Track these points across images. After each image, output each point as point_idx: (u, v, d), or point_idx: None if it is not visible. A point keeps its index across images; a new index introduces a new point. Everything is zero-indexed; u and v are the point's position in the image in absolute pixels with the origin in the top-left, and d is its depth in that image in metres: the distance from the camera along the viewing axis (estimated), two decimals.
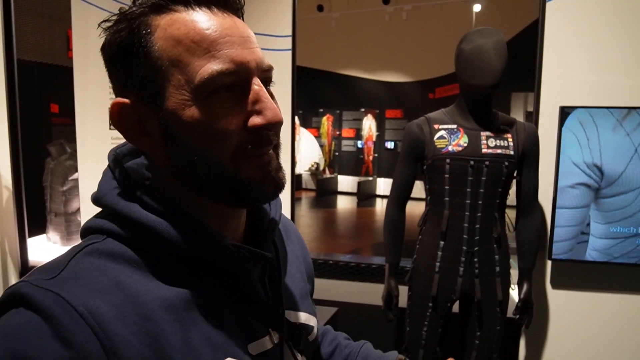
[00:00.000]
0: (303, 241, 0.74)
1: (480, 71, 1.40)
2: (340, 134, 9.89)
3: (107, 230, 0.48)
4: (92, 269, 0.44)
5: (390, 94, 9.12)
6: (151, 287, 0.45)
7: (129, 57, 0.46)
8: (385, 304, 1.67)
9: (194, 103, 0.45)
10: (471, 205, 1.51)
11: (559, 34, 1.76)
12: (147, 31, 0.46)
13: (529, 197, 1.59)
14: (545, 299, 1.88)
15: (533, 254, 1.61)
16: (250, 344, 0.51)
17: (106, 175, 0.51)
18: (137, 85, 0.47)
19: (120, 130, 0.49)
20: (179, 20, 0.45)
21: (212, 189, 0.49)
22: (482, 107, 1.52)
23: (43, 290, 0.41)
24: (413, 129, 1.58)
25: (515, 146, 1.52)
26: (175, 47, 0.45)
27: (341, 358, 0.75)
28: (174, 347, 0.44)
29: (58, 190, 2.90)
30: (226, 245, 0.49)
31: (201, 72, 0.44)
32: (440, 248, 1.56)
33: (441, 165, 1.52)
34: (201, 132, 0.46)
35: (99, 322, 0.40)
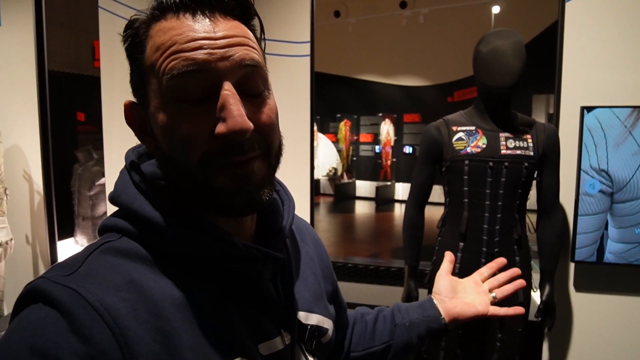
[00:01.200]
0: (320, 241, 0.74)
1: (497, 72, 1.40)
2: (358, 139, 9.87)
3: (122, 228, 0.49)
4: (107, 266, 0.45)
5: (408, 98, 9.07)
6: (163, 286, 0.46)
7: (130, 63, 0.51)
8: None
9: (163, 107, 0.46)
10: (490, 206, 1.50)
11: (579, 33, 1.75)
12: (144, 39, 0.48)
13: (550, 198, 1.58)
14: (568, 301, 1.85)
15: (554, 256, 1.59)
16: (261, 344, 0.52)
17: (123, 175, 0.53)
18: (134, 88, 0.51)
19: (131, 128, 0.52)
20: (163, 28, 0.47)
21: (188, 194, 0.49)
22: (501, 108, 1.52)
23: (61, 287, 0.42)
24: (431, 131, 1.59)
25: (534, 147, 1.52)
26: (154, 53, 0.47)
27: (388, 315, 0.78)
28: (185, 345, 0.44)
29: (85, 195, 2.99)
30: (236, 244, 0.49)
31: (167, 75, 0.45)
32: (459, 249, 1.55)
33: (460, 167, 1.52)
34: (170, 137, 0.47)
35: (114, 318, 0.41)
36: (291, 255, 0.60)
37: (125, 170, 0.53)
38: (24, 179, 2.34)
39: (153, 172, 0.54)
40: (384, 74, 9.14)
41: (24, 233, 2.37)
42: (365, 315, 0.79)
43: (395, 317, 0.76)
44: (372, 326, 0.77)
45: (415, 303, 0.78)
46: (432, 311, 0.75)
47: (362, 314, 0.80)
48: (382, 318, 0.77)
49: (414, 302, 0.78)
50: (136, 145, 0.57)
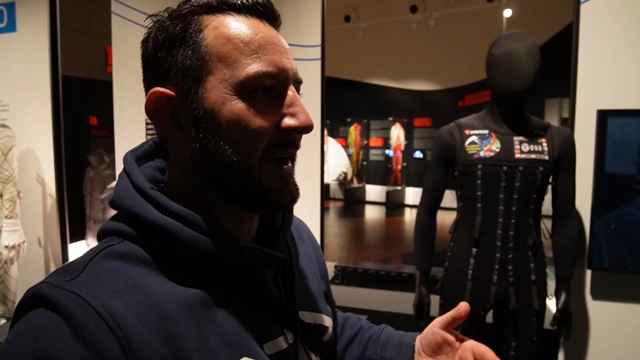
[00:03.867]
0: (316, 241, 0.75)
1: (511, 75, 1.38)
2: (368, 144, 9.84)
3: (123, 232, 0.49)
4: (110, 271, 0.45)
5: (419, 102, 9.03)
6: (167, 288, 0.46)
7: (176, 48, 0.49)
8: (416, 312, 1.65)
9: (235, 98, 0.47)
10: (504, 211, 1.48)
11: (595, 35, 1.72)
12: (198, 27, 0.48)
13: (566, 203, 1.55)
14: (585, 310, 1.81)
15: (571, 263, 1.56)
16: (265, 344, 0.52)
17: (122, 179, 0.52)
18: (180, 75, 0.48)
19: (153, 119, 0.50)
20: (231, 22, 0.49)
21: (233, 188, 0.50)
22: (515, 111, 1.49)
23: (63, 291, 0.42)
24: (443, 134, 1.57)
25: (550, 151, 1.49)
26: (225, 44, 0.48)
27: (363, 341, 0.75)
28: (191, 347, 0.44)
29: (97, 198, 3.02)
30: (240, 246, 0.50)
31: (247, 69, 0.47)
32: (472, 255, 1.53)
33: (473, 171, 1.49)
34: (238, 127, 0.48)
35: (118, 322, 0.41)
36: (292, 255, 0.61)
37: (125, 173, 0.52)
38: (37, 182, 2.37)
39: (152, 175, 0.54)
40: (395, 78, 9.12)
41: (36, 235, 2.40)
42: (346, 329, 0.78)
43: (369, 348, 0.74)
44: (345, 344, 0.76)
45: (396, 339, 0.72)
46: (406, 358, 0.70)
47: (344, 325, 0.78)
48: (358, 341, 0.76)
49: (397, 336, 0.73)
50: (134, 148, 0.57)
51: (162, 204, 0.48)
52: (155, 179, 0.54)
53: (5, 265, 2.25)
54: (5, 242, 2.18)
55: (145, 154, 0.57)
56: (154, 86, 0.50)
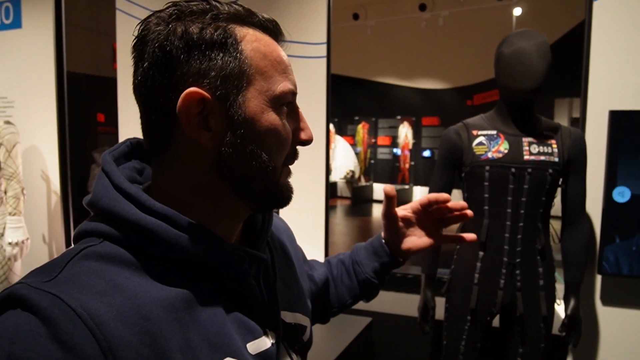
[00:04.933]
0: (291, 234, 0.76)
1: (521, 74, 1.34)
2: (376, 142, 9.79)
3: (103, 232, 0.48)
4: (90, 272, 0.44)
5: (427, 101, 8.96)
6: (150, 289, 0.45)
7: (215, 52, 0.48)
8: (421, 315, 1.62)
9: (270, 110, 0.51)
10: (512, 214, 1.44)
11: (607, 33, 1.67)
12: (237, 37, 0.49)
13: (576, 206, 1.50)
14: (594, 316, 1.76)
15: (580, 268, 1.51)
16: (248, 344, 0.52)
17: (101, 179, 0.51)
18: (219, 79, 0.48)
19: (186, 119, 0.48)
20: (263, 40, 0.51)
21: (256, 189, 0.52)
22: (524, 112, 1.45)
23: (41, 292, 0.41)
24: (450, 135, 1.53)
25: (560, 152, 1.44)
26: (262, 59, 0.50)
27: (350, 270, 0.82)
28: (174, 347, 0.44)
29: None
30: (224, 246, 0.50)
31: (281, 86, 0.51)
32: (479, 259, 1.49)
33: (480, 173, 1.46)
34: (274, 136, 0.51)
35: (98, 323, 0.40)
36: (273, 255, 0.63)
37: (104, 173, 0.51)
38: (42, 179, 2.37)
39: (130, 176, 0.54)
40: (403, 76, 9.05)
41: (41, 232, 2.40)
42: (332, 271, 0.84)
43: (357, 272, 0.81)
44: (339, 282, 0.82)
45: (369, 248, 0.81)
46: (386, 257, 0.79)
47: (331, 272, 0.84)
48: (346, 274, 0.82)
49: (368, 246, 0.81)
50: (112, 148, 0.56)
51: (144, 203, 0.48)
52: (134, 179, 0.54)
53: (9, 262, 2.25)
54: (9, 239, 2.18)
55: (123, 154, 0.56)
56: (176, 83, 0.48)
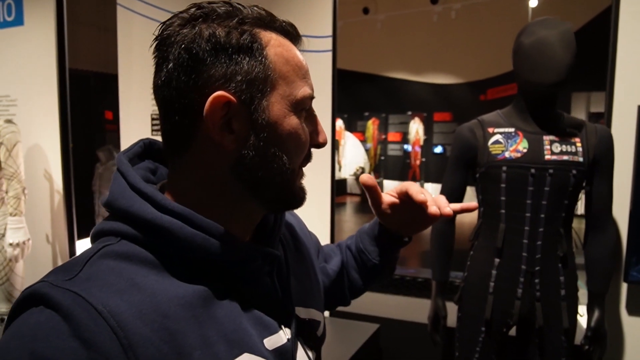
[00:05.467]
0: (305, 228, 0.76)
1: (543, 66, 1.22)
2: (386, 138, 9.66)
3: (120, 232, 0.48)
4: (108, 270, 0.45)
5: (439, 96, 8.79)
6: (167, 287, 0.46)
7: (242, 56, 0.49)
8: (431, 325, 1.52)
9: (292, 114, 0.51)
10: (532, 219, 1.33)
11: (636, 21, 1.54)
12: (262, 42, 0.50)
13: (601, 210, 1.39)
14: (619, 327, 1.65)
15: (606, 277, 1.40)
16: (265, 339, 0.53)
17: (117, 179, 0.52)
18: (245, 83, 0.49)
19: (211, 121, 0.49)
20: (285, 45, 0.52)
21: (274, 191, 0.53)
22: (545, 107, 1.34)
23: (62, 290, 0.41)
24: (464, 132, 1.42)
25: (584, 152, 1.33)
26: (285, 65, 0.51)
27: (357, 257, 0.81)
28: (192, 344, 0.45)
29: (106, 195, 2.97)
30: (238, 244, 0.51)
31: (302, 91, 0.52)
32: (495, 266, 1.39)
33: (496, 174, 1.35)
34: (294, 140, 0.52)
35: (118, 321, 0.41)
36: (286, 251, 0.63)
37: (119, 173, 0.52)
38: (45, 178, 2.32)
39: (144, 176, 0.55)
40: (414, 71, 8.89)
41: (44, 232, 2.35)
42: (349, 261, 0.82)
43: (365, 260, 0.79)
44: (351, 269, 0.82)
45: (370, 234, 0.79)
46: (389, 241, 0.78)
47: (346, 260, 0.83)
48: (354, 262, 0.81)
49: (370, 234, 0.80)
50: (126, 148, 0.57)
51: (160, 202, 0.48)
52: (148, 179, 0.55)
53: (10, 264, 2.21)
54: (10, 240, 2.14)
55: (137, 155, 0.58)
56: (202, 85, 0.49)
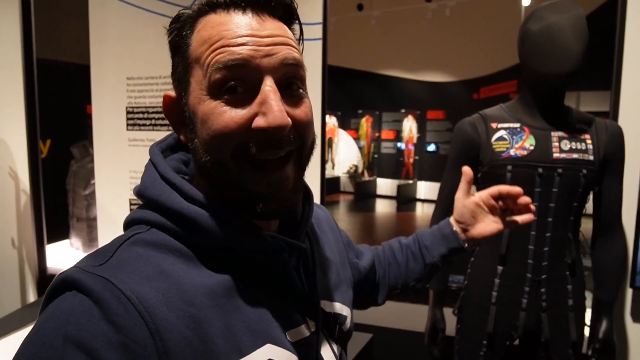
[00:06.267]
0: (335, 224, 0.76)
1: (553, 55, 1.11)
2: (380, 136, 9.59)
3: (150, 221, 0.50)
4: (137, 257, 0.46)
5: (432, 94, 8.74)
6: (193, 276, 0.47)
7: (175, 54, 0.52)
8: (429, 337, 1.41)
9: (207, 98, 0.48)
10: (539, 223, 1.22)
11: None
12: (189, 32, 0.50)
13: (611, 214, 1.28)
14: (624, 334, 1.55)
15: (616, 284, 1.30)
16: (288, 331, 0.53)
17: (149, 169, 0.53)
18: (176, 80, 0.52)
19: (169, 119, 0.55)
20: (210, 22, 0.49)
21: (222, 191, 0.51)
22: (553, 101, 1.23)
23: (93, 276, 0.43)
24: (465, 128, 1.31)
25: (595, 150, 1.22)
26: (201, 46, 0.48)
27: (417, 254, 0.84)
28: (216, 332, 0.45)
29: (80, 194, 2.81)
30: (263, 236, 0.50)
31: (210, 65, 0.47)
32: (498, 274, 1.27)
33: (501, 173, 1.24)
34: (206, 127, 0.48)
35: (146, 306, 0.42)
36: (313, 245, 0.63)
37: (151, 163, 0.54)
38: (10, 176, 2.17)
39: (176, 167, 0.56)
40: (408, 69, 8.83)
41: (9, 236, 2.20)
42: (397, 256, 0.86)
43: (425, 256, 0.84)
44: (405, 267, 0.85)
45: (438, 235, 0.84)
46: (456, 242, 0.83)
47: (393, 254, 0.86)
48: (412, 257, 0.85)
49: (436, 233, 0.85)
50: (159, 140, 0.58)
51: (187, 192, 0.49)
52: (180, 170, 0.56)
53: None
54: None
55: (170, 146, 0.59)
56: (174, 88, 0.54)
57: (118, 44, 2.03)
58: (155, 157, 0.54)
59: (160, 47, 2.00)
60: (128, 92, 2.05)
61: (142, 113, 2.03)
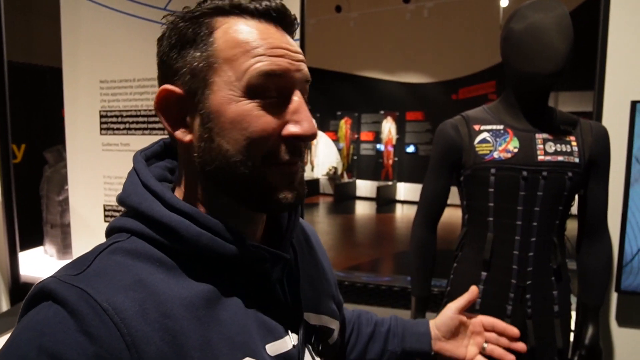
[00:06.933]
0: (321, 243, 0.75)
1: (537, 55, 1.07)
2: (359, 138, 9.62)
3: (130, 229, 0.49)
4: (116, 266, 0.46)
5: (411, 95, 8.81)
6: (172, 285, 0.46)
7: (187, 49, 0.50)
8: None
9: (240, 99, 0.48)
10: (523, 227, 1.18)
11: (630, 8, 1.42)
12: (209, 30, 0.50)
13: (598, 217, 1.25)
14: (609, 339, 1.53)
15: (602, 289, 1.27)
16: (268, 345, 0.52)
17: (131, 177, 0.53)
18: (189, 75, 0.50)
19: (162, 116, 0.52)
20: (241, 26, 0.50)
21: (239, 189, 0.51)
22: (537, 102, 1.19)
23: (69, 286, 0.43)
24: (447, 130, 1.26)
25: (580, 152, 1.19)
26: (233, 48, 0.49)
27: (382, 335, 0.81)
28: (193, 345, 0.45)
29: (54, 200, 2.69)
30: (245, 244, 0.50)
31: (250, 70, 0.48)
32: (482, 280, 1.23)
33: (484, 177, 1.19)
34: (241, 127, 0.48)
35: (122, 318, 0.41)
36: (298, 256, 0.62)
37: (134, 171, 0.53)
38: None
39: (161, 175, 0.56)
40: (387, 70, 8.89)
41: None
42: (362, 327, 0.82)
43: (389, 342, 0.81)
44: (366, 341, 0.81)
45: (412, 328, 0.82)
46: (427, 346, 0.80)
47: (359, 323, 0.83)
48: (377, 337, 0.81)
49: (411, 325, 0.82)
50: (145, 147, 0.58)
51: (168, 201, 0.49)
52: (164, 178, 0.56)
53: None
54: None
55: (155, 154, 0.58)
56: (166, 83, 0.51)
57: (91, 46, 1.95)
58: (138, 165, 0.53)
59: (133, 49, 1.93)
60: (101, 95, 1.98)
61: (116, 117, 1.97)
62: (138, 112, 1.92)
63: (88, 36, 1.96)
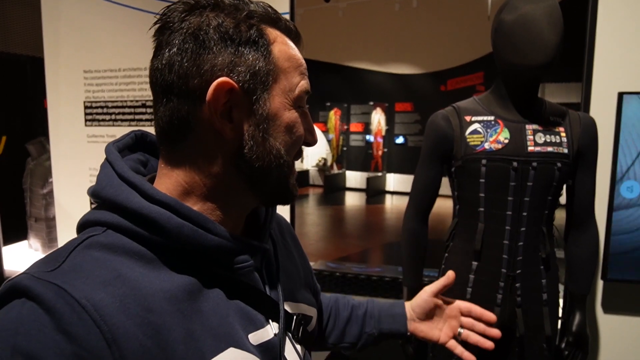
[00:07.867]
0: (296, 235, 0.77)
1: (528, 46, 1.08)
2: (349, 129, 9.60)
3: (107, 222, 0.48)
4: (93, 261, 0.44)
5: (400, 86, 8.80)
6: (152, 279, 0.46)
7: (250, 49, 0.51)
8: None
9: (291, 108, 0.54)
10: (513, 217, 1.20)
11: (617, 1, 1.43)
12: (268, 38, 0.52)
13: (585, 207, 1.27)
14: (595, 325, 1.57)
15: (588, 278, 1.30)
16: (250, 334, 0.52)
17: (105, 168, 0.52)
18: (249, 74, 0.50)
19: (214, 107, 0.50)
20: (288, 43, 0.55)
21: (271, 183, 0.54)
22: (528, 93, 1.20)
23: (45, 282, 0.41)
24: (438, 121, 1.27)
25: (569, 143, 1.21)
26: (287, 61, 0.54)
27: (359, 318, 0.84)
28: (176, 338, 0.44)
29: (38, 193, 2.65)
30: (226, 236, 0.51)
31: (300, 86, 0.55)
32: (472, 270, 1.25)
33: (475, 168, 1.20)
34: (292, 133, 0.54)
35: (102, 314, 0.40)
36: (276, 247, 0.64)
37: (108, 163, 0.52)
38: None
39: (134, 167, 0.55)
40: (376, 61, 8.85)
41: None
42: (340, 311, 0.85)
43: (367, 324, 0.83)
44: (343, 325, 0.83)
45: (388, 310, 0.84)
46: (402, 327, 0.83)
47: (337, 307, 0.85)
48: (354, 320, 0.84)
49: (387, 307, 0.85)
50: (116, 139, 0.57)
51: (147, 192, 0.48)
52: (137, 171, 0.56)
53: None
54: None
55: (127, 146, 0.58)
56: (205, 72, 0.49)
57: (73, 35, 1.90)
58: (112, 156, 0.52)
59: (118, 38, 1.89)
60: (86, 85, 1.93)
61: (101, 108, 1.94)
62: (124, 102, 1.89)
63: (70, 24, 1.92)
